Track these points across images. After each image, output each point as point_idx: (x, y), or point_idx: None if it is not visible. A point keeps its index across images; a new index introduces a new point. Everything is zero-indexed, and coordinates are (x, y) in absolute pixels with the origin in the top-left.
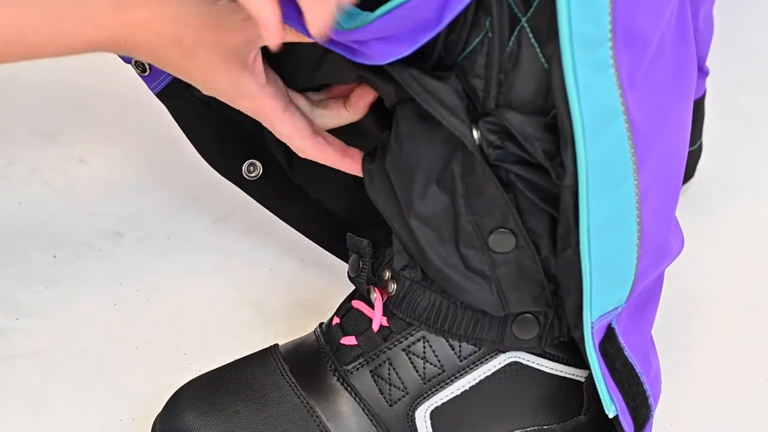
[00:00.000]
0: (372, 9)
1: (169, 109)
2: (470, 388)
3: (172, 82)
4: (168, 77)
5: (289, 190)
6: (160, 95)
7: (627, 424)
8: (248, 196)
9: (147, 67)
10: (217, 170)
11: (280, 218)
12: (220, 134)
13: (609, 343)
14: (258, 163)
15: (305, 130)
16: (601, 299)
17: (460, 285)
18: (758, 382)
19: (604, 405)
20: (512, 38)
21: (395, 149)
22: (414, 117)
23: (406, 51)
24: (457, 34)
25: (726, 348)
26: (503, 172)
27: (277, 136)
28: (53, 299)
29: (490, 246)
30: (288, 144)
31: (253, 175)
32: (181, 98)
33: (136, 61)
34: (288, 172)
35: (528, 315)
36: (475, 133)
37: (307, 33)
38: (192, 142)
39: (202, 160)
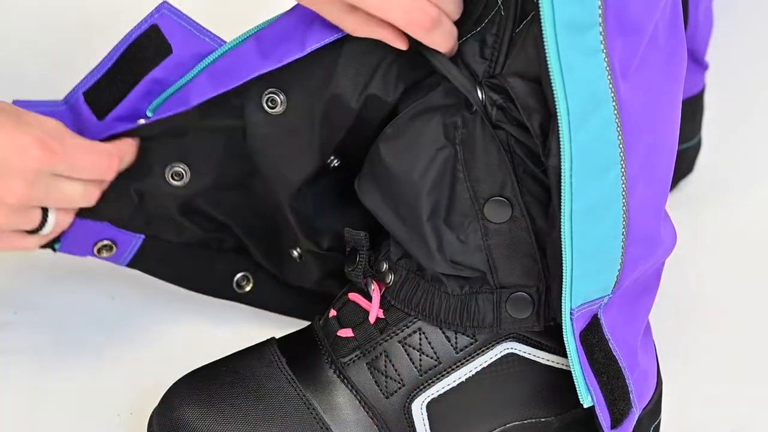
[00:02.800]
0: None
1: (145, 271)
2: (467, 379)
3: (139, 250)
4: (134, 248)
5: (283, 289)
6: (132, 265)
7: (603, 416)
8: None
9: (113, 245)
10: (210, 295)
11: (282, 314)
12: (203, 265)
13: (591, 333)
14: (249, 275)
15: None
16: (582, 286)
17: (450, 256)
18: (759, 380)
19: (579, 394)
20: (524, 22)
21: (391, 131)
22: (415, 92)
23: None
24: (468, 15)
25: (726, 345)
26: (504, 135)
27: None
28: (52, 293)
29: (486, 215)
30: None
31: (246, 288)
32: (151, 255)
33: (99, 248)
34: (279, 276)
35: (521, 293)
36: (479, 93)
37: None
38: (179, 285)
39: None
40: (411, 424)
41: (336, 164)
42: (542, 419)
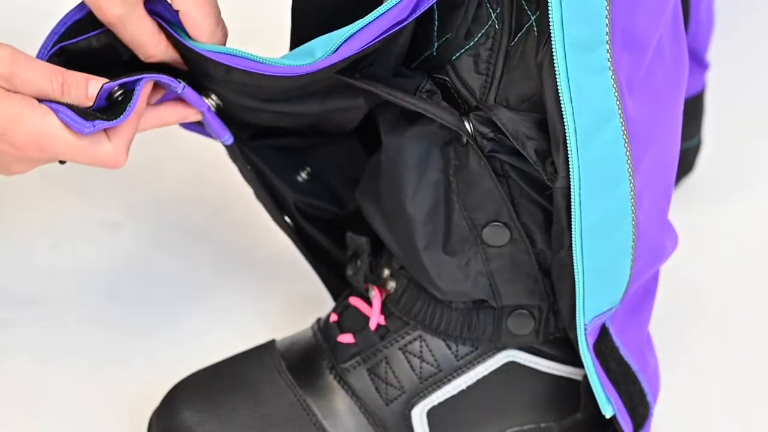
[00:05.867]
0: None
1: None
2: (467, 387)
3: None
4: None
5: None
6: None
7: (625, 423)
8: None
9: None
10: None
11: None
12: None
13: (603, 343)
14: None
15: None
16: (594, 301)
17: (451, 283)
18: (759, 379)
19: (600, 405)
20: (520, 34)
21: (383, 159)
22: (395, 121)
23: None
24: (455, 32)
25: (726, 345)
26: (498, 163)
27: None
28: (51, 290)
29: (485, 240)
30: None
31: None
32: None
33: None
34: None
35: (522, 310)
36: (467, 125)
37: None
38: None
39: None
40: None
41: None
42: (542, 424)
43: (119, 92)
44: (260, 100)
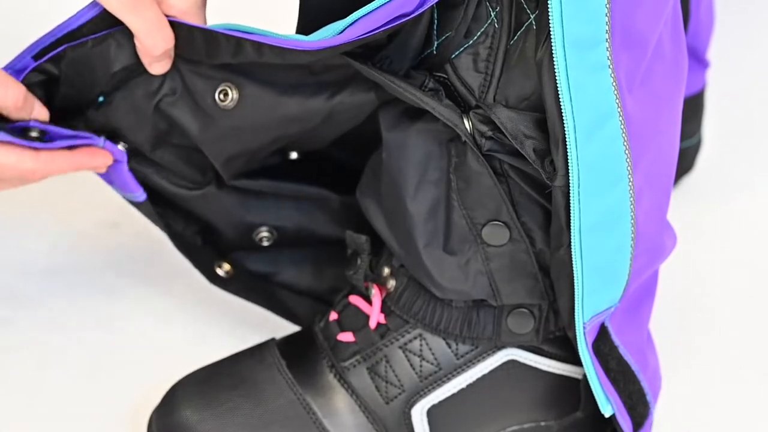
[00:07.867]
0: None
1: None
2: (467, 386)
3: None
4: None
5: (256, 283)
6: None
7: (625, 422)
8: None
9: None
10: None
11: (262, 306)
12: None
13: (602, 343)
14: (226, 264)
15: None
16: (593, 300)
17: (451, 282)
18: (758, 378)
19: (600, 405)
20: (519, 33)
21: (384, 157)
22: (399, 117)
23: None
24: (455, 30)
25: (726, 343)
26: (497, 162)
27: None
28: (51, 289)
29: (484, 239)
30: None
31: (224, 272)
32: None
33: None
34: (249, 264)
35: (522, 309)
36: (467, 123)
37: None
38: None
39: None
40: (411, 430)
41: (295, 157)
42: (542, 423)
43: (35, 133)
44: (272, 87)
